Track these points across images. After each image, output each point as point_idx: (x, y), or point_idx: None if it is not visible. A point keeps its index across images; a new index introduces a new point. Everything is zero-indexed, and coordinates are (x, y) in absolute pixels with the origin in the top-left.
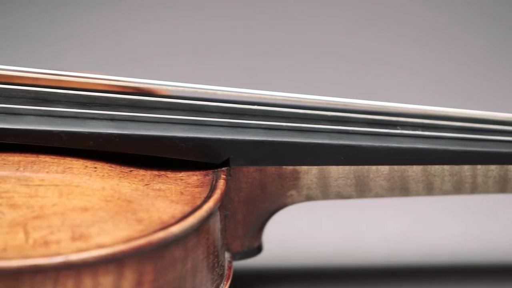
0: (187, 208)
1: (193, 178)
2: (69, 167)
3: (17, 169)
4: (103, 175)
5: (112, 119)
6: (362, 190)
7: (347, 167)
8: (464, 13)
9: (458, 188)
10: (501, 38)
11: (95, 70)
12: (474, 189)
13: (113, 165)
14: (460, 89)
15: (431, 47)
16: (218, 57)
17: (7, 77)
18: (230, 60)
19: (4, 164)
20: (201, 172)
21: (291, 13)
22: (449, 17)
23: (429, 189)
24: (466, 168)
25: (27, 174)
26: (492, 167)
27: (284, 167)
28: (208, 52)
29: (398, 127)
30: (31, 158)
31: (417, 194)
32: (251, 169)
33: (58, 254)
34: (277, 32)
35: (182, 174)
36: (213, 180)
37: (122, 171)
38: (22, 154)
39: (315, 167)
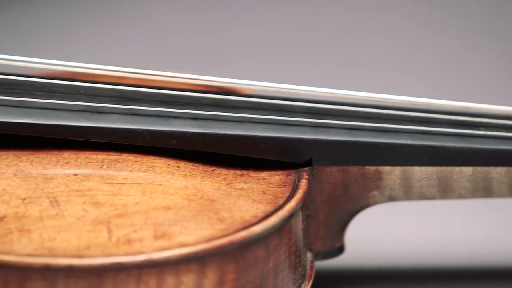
0: (269, 208)
1: (275, 177)
2: (152, 166)
3: (100, 167)
4: (185, 174)
5: (196, 118)
6: (445, 191)
7: (430, 168)
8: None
9: None
10: None
11: (179, 69)
12: None
13: (195, 164)
14: None
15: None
16: (302, 56)
17: (92, 76)
18: (313, 60)
19: (88, 162)
20: (284, 171)
21: (372, 13)
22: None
23: None
24: None
25: (110, 172)
26: None
27: (366, 167)
28: (292, 51)
29: (481, 128)
30: (114, 156)
31: (501, 195)
32: (334, 169)
33: (140, 252)
34: (360, 32)
35: (265, 174)
36: (295, 180)
37: (204, 170)
38: (106, 152)
39: (398, 167)
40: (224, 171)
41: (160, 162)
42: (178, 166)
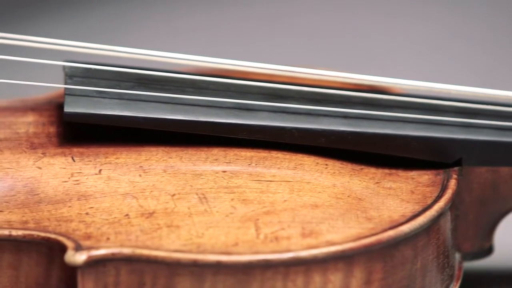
0: (418, 207)
1: (424, 177)
2: (300, 164)
3: (249, 164)
4: (334, 172)
5: (345, 116)
6: None
7: None
8: None
9: None
10: None
11: (330, 67)
12: None
13: (344, 163)
14: None
15: None
16: (453, 55)
17: (242, 73)
18: (464, 59)
19: (237, 159)
20: (432, 171)
21: None
22: None
23: None
24: None
25: (259, 169)
26: None
27: None
28: (443, 50)
29: None
30: (263, 153)
31: None
32: (483, 169)
33: (288, 250)
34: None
35: (413, 173)
36: (444, 180)
37: (353, 169)
38: (255, 150)
39: None
40: (372, 170)
41: (308, 160)
42: (326, 164)
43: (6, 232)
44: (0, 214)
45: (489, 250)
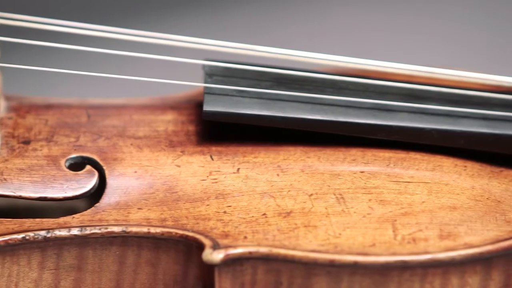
0: None
1: None
2: (439, 165)
3: (387, 165)
4: (472, 174)
5: (485, 118)
6: None
7: None
8: None
9: None
10: None
11: (469, 68)
12: None
13: (483, 165)
14: None
15: None
16: None
17: (381, 73)
18: None
19: (375, 159)
20: None
21: None
22: None
23: None
24: None
25: (397, 170)
26: None
27: None
28: None
29: None
30: (401, 154)
31: None
32: None
33: (426, 252)
34: None
35: None
36: None
37: (492, 171)
38: (393, 150)
39: None
40: None
41: (447, 162)
42: (465, 166)
43: (145, 229)
44: (139, 212)
45: None
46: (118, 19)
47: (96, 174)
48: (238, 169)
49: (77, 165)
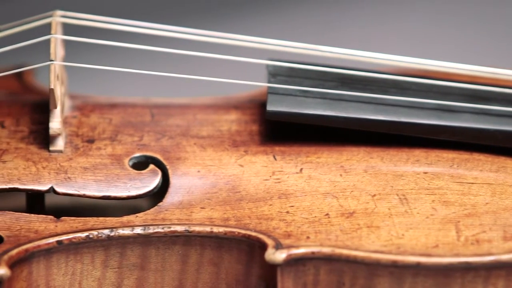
0: None
1: None
2: (503, 166)
3: (451, 166)
4: None
5: None
6: None
7: None
8: None
9: None
10: None
11: None
12: None
13: None
14: None
15: None
16: None
17: (444, 74)
18: None
19: (438, 160)
20: None
21: None
22: None
23: None
24: None
25: (460, 171)
26: None
27: None
28: None
29: None
30: (465, 155)
31: None
32: None
33: (489, 253)
34: None
35: None
36: None
37: None
38: (456, 151)
39: None
40: None
41: (511, 163)
42: None
43: (208, 228)
44: (202, 211)
45: None
46: (183, 19)
47: (160, 173)
48: (301, 169)
49: (140, 164)
